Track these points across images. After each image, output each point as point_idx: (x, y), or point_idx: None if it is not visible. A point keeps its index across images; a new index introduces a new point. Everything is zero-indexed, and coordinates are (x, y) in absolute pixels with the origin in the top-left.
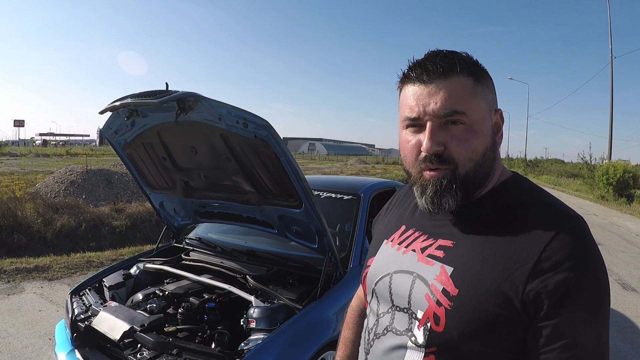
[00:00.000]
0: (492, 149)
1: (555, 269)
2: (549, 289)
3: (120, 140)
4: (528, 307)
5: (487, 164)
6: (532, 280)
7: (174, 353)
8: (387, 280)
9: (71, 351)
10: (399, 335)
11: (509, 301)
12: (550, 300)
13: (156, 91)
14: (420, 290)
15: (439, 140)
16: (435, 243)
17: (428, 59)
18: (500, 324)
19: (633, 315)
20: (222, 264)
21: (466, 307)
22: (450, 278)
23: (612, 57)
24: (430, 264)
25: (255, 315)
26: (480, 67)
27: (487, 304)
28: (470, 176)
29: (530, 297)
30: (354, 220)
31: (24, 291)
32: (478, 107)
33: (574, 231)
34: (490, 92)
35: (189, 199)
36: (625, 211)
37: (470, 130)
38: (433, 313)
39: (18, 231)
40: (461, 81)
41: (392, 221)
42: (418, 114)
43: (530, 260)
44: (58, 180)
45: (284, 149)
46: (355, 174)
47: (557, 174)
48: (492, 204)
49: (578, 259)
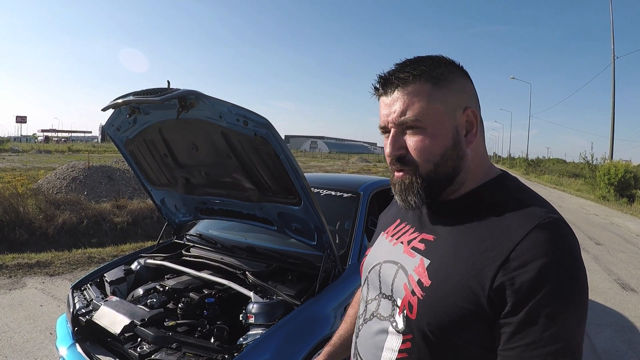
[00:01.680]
0: (454, 149)
1: (522, 268)
2: (514, 287)
3: (122, 137)
4: (494, 303)
5: (448, 163)
6: (499, 277)
7: (174, 347)
8: (378, 269)
9: (72, 345)
10: (382, 321)
11: (476, 296)
12: (515, 297)
13: (158, 89)
14: (401, 279)
15: (399, 145)
16: (419, 236)
17: (391, 71)
18: (466, 318)
19: (631, 315)
20: (222, 260)
21: (436, 298)
22: (426, 270)
23: (615, 57)
24: (412, 255)
25: (254, 311)
26: (446, 71)
27: (454, 297)
28: (432, 176)
29: (496, 293)
30: (353, 217)
31: (25, 286)
32: (435, 111)
33: (549, 232)
34: (454, 93)
35: (190, 196)
36: (626, 211)
37: (427, 134)
38: (408, 302)
39: (20, 227)
40: (416, 89)
41: (391, 215)
42: (384, 123)
43: (499, 258)
44: (60, 177)
45: (283, 146)
46: (357, 172)
47: (558, 174)
48: (473, 202)
49: (548, 260)
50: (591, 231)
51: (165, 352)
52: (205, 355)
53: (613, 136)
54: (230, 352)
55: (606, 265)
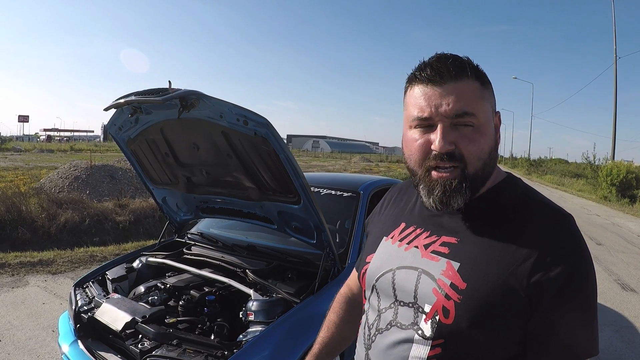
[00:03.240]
0: (496, 149)
1: (555, 263)
2: (550, 280)
3: (124, 137)
4: (531, 298)
5: (492, 162)
6: (535, 273)
7: (174, 343)
8: (390, 276)
9: (74, 342)
10: (405, 330)
11: (515, 293)
12: (551, 290)
13: (159, 89)
14: (426, 285)
15: (450, 140)
16: (438, 240)
17: (439, 61)
18: (505, 314)
19: (631, 315)
20: (223, 259)
21: (475, 299)
22: (458, 273)
23: (617, 57)
24: (436, 259)
25: (253, 308)
26: (484, 72)
27: (494, 296)
28: (479, 175)
29: (533, 288)
30: (353, 217)
31: (28, 284)
32: (485, 110)
33: (569, 229)
34: (492, 95)
35: (191, 195)
36: (628, 212)
37: (479, 131)
38: (442, 306)
39: (22, 226)
40: (470, 84)
41: (390, 218)
42: (430, 114)
43: (532, 256)
44: (62, 176)
45: (283, 146)
46: (359, 171)
47: (560, 174)
48: (492, 203)
49: (574, 254)
50: (592, 231)
51: (166, 348)
52: (205, 352)
53: (615, 137)
54: (230, 349)
55: (607, 266)
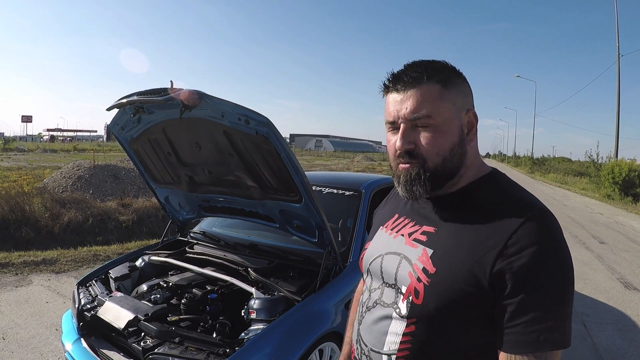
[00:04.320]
0: (460, 145)
1: (519, 253)
2: (513, 270)
3: (126, 136)
4: (494, 286)
5: (455, 158)
6: (499, 263)
7: (176, 341)
8: (379, 261)
9: (77, 340)
10: (386, 307)
11: (478, 281)
12: (514, 280)
13: (161, 89)
14: (404, 268)
15: (409, 140)
16: (420, 229)
17: (402, 70)
18: (469, 300)
19: (634, 314)
20: (225, 257)
21: (441, 283)
22: (430, 259)
23: (619, 55)
24: (415, 246)
25: (255, 306)
26: (452, 74)
27: (459, 282)
28: (439, 169)
29: (496, 277)
30: (354, 215)
31: (31, 283)
32: (445, 110)
33: (539, 222)
34: (460, 96)
35: (194, 194)
36: (631, 210)
37: (437, 130)
38: (414, 288)
39: (26, 225)
40: (429, 88)
41: (389, 211)
42: (394, 118)
43: (498, 246)
44: (65, 176)
45: (284, 145)
46: (362, 170)
47: (563, 172)
48: (470, 196)
49: (541, 246)
50: (595, 230)
51: (168, 346)
52: (208, 350)
53: (618, 135)
54: (232, 347)
55: (609, 264)
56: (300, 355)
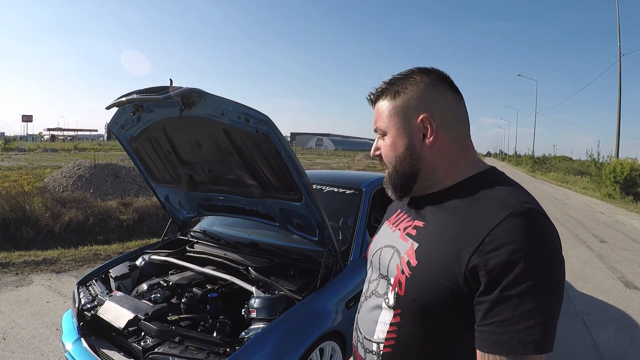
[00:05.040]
0: (408, 152)
1: (495, 251)
2: (488, 267)
3: (126, 135)
4: (469, 282)
5: (404, 164)
6: (474, 259)
7: (177, 341)
8: (379, 253)
9: (77, 340)
10: (378, 298)
11: (454, 275)
12: (488, 277)
13: (161, 87)
14: (394, 261)
15: (376, 147)
16: (412, 223)
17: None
18: (446, 295)
19: (634, 313)
20: (226, 256)
21: (420, 276)
22: (415, 252)
23: (621, 54)
24: (406, 240)
25: (256, 305)
26: (406, 83)
27: (436, 276)
28: (394, 174)
29: (470, 273)
30: (355, 214)
31: (32, 283)
32: (393, 124)
33: (521, 220)
34: (411, 102)
35: (194, 193)
36: (632, 209)
37: (389, 141)
38: (398, 280)
39: (26, 225)
40: (383, 105)
41: (395, 206)
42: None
43: (475, 242)
44: (66, 175)
45: (284, 143)
46: (363, 169)
47: (564, 171)
48: (457, 193)
49: (518, 245)
50: (596, 229)
51: (168, 345)
52: (208, 349)
53: (619, 134)
54: (232, 346)
55: (610, 264)
56: (301, 355)
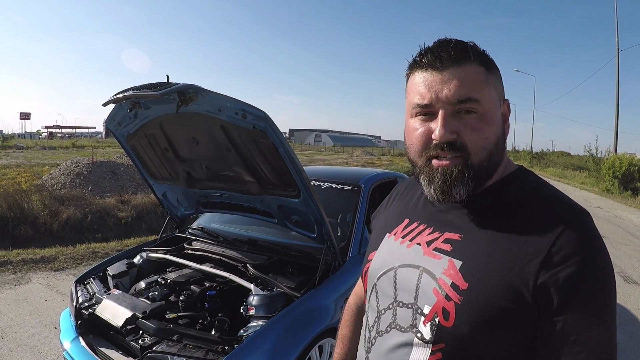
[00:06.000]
0: (503, 138)
1: (564, 263)
2: (559, 282)
3: (123, 132)
4: (538, 301)
5: (499, 153)
6: (543, 274)
7: (175, 339)
8: (392, 275)
9: (75, 338)
10: (404, 332)
11: (520, 294)
12: (561, 294)
13: (157, 83)
14: (427, 284)
15: (452, 128)
16: (441, 236)
17: (440, 46)
18: (510, 318)
19: (634, 308)
20: (224, 253)
21: (476, 301)
22: (459, 272)
23: (619, 49)
24: (438, 257)
25: (254, 303)
26: (490, 57)
27: (497, 298)
28: (484, 165)
29: (540, 290)
30: (354, 210)
31: (30, 281)
32: (490, 96)
33: (582, 225)
34: (499, 82)
35: (191, 189)
36: (630, 204)
37: (484, 119)
38: (442, 308)
39: (24, 223)
40: (474, 69)
41: (394, 214)
42: (430, 101)
43: (540, 254)
44: (64, 173)
45: (282, 139)
46: (361, 165)
47: (563, 167)
48: (499, 197)
49: (586, 253)
50: (595, 224)
51: (167, 343)
52: (206, 347)
53: (617, 129)
54: (231, 344)
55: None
56: (300, 352)
